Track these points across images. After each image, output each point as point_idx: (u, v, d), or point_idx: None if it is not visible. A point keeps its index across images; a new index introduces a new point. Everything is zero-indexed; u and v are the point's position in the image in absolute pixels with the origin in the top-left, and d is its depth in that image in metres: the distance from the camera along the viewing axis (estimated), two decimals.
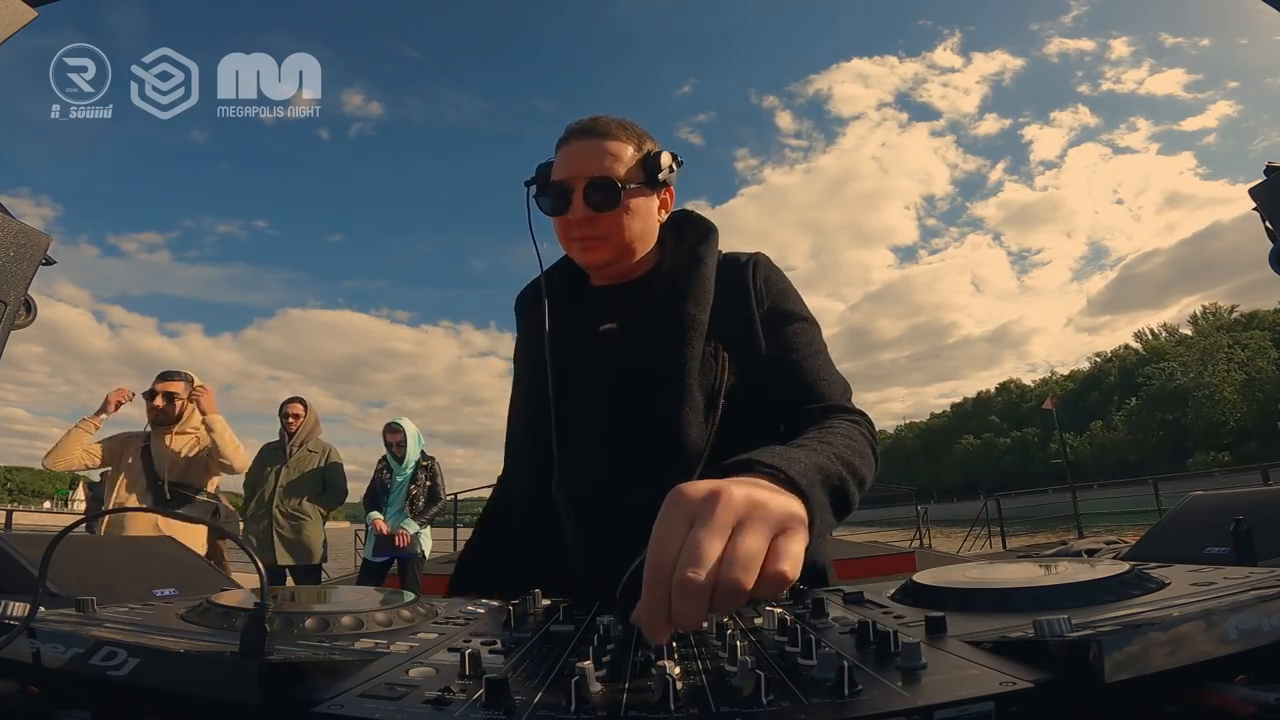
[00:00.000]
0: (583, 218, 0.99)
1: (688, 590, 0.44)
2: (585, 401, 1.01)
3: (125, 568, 1.11)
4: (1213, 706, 0.39)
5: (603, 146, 1.01)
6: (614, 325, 1.05)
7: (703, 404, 0.95)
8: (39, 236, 0.95)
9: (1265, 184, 1.06)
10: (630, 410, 0.96)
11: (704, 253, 1.06)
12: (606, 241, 1.02)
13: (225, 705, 0.39)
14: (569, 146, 1.03)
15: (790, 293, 1.08)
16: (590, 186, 0.99)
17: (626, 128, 1.05)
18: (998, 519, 12.48)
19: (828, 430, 0.85)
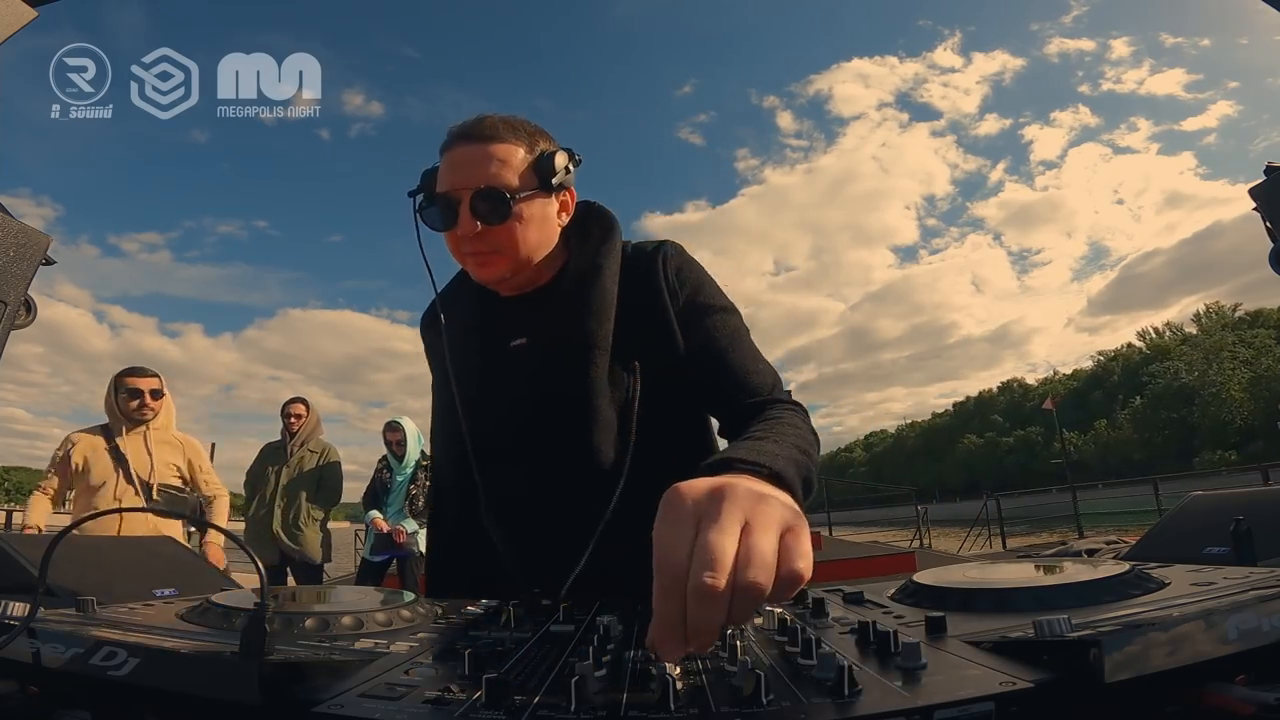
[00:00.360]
0: (472, 232, 0.91)
1: (707, 595, 0.41)
2: (502, 422, 0.98)
3: (125, 568, 1.11)
4: (1213, 706, 0.39)
5: (488, 151, 0.92)
6: (524, 340, 1.00)
7: (615, 421, 0.93)
8: (39, 236, 0.95)
9: (1265, 184, 1.07)
10: (544, 432, 0.95)
11: (603, 260, 0.99)
12: (501, 255, 0.94)
13: (225, 705, 0.39)
14: (452, 153, 0.94)
15: (705, 282, 1.03)
16: (477, 198, 0.91)
17: (515, 127, 0.96)
18: (998, 519, 12.48)
19: (775, 422, 0.84)
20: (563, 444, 0.94)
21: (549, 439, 0.94)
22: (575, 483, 0.92)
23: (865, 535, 14.81)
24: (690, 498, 0.48)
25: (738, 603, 0.42)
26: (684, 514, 0.47)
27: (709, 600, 0.41)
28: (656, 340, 0.97)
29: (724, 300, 1.03)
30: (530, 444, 0.96)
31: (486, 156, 0.92)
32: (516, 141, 0.94)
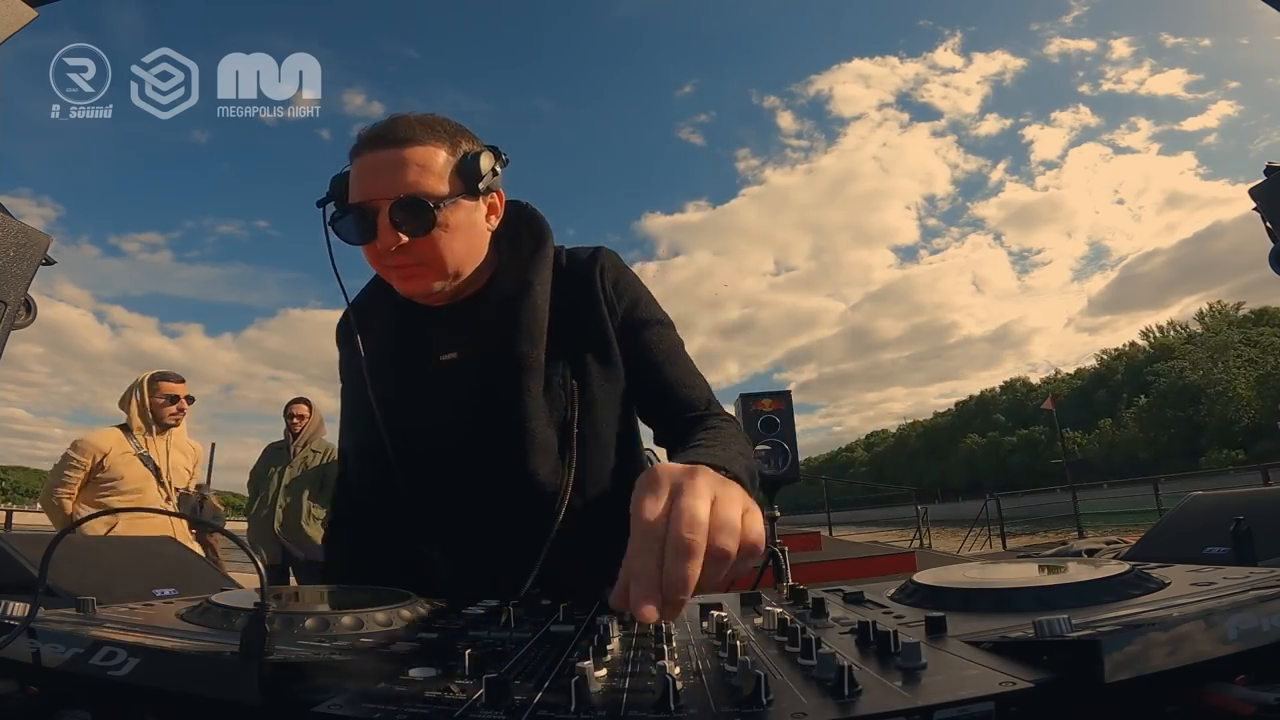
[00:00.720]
0: (393, 245, 0.85)
1: (685, 550, 0.47)
2: (432, 442, 0.92)
3: (125, 568, 1.11)
4: (1213, 706, 0.39)
5: (406, 156, 0.85)
6: (454, 355, 0.95)
7: (555, 442, 0.90)
8: (39, 236, 0.95)
9: (1265, 184, 1.07)
10: (480, 455, 0.90)
11: (533, 276, 0.94)
12: (427, 268, 0.88)
13: (225, 705, 0.39)
14: (364, 159, 0.86)
15: (642, 295, 1.01)
16: (396, 208, 0.84)
17: (434, 128, 0.88)
18: (998, 519, 12.48)
19: (718, 433, 0.88)
20: (500, 467, 0.90)
21: (485, 461, 0.90)
22: (515, 505, 0.89)
23: (865, 535, 14.80)
24: (668, 474, 0.54)
25: (709, 561, 0.48)
26: (662, 485, 0.53)
27: (686, 555, 0.46)
28: (593, 353, 0.95)
29: (660, 313, 1.02)
30: (465, 465, 0.91)
31: (404, 162, 0.85)
32: (436, 143, 0.87)
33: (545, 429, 0.90)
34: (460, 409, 0.92)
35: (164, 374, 3.24)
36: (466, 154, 0.90)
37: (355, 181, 0.87)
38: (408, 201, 0.84)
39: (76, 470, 2.97)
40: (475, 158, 0.89)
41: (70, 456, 3.00)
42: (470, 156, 0.89)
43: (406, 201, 0.84)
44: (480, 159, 0.89)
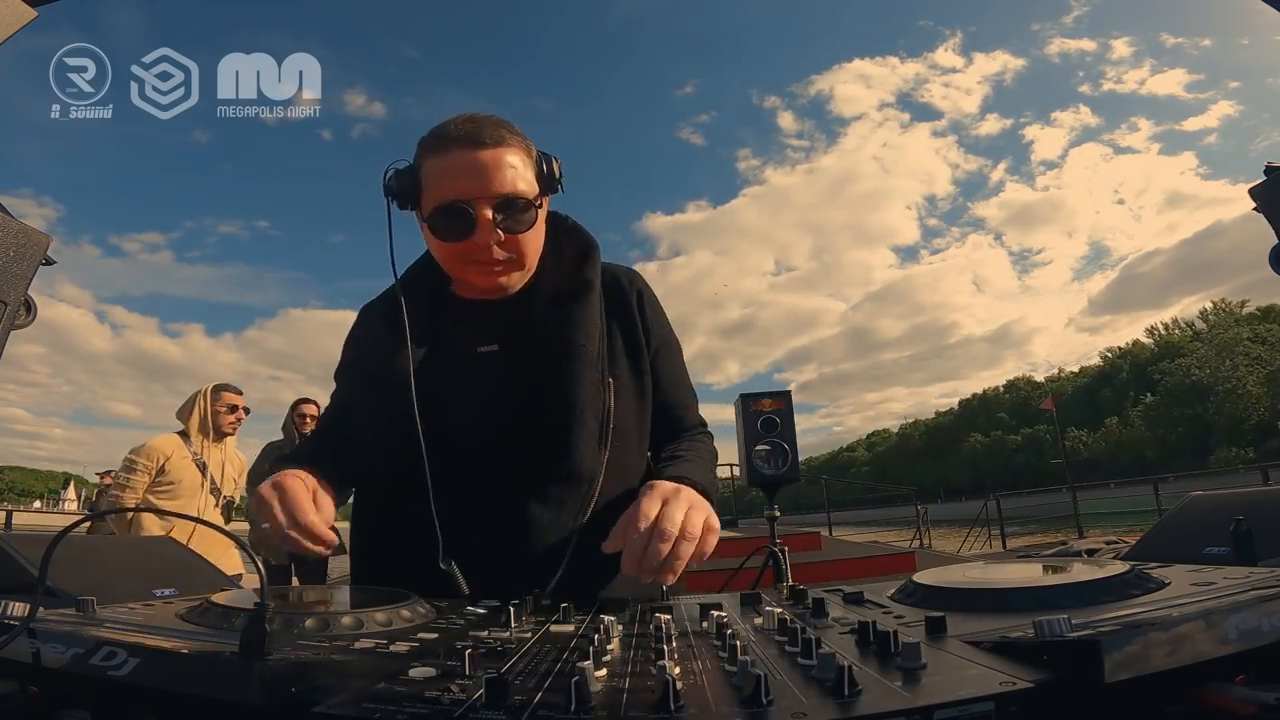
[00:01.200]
0: (493, 242, 0.88)
1: (663, 534, 0.76)
2: (469, 425, 0.95)
3: (125, 568, 1.11)
4: (1213, 706, 0.39)
5: (502, 158, 0.89)
6: (495, 347, 0.98)
7: (596, 432, 0.94)
8: (39, 236, 0.95)
9: (1265, 184, 1.07)
10: (525, 439, 0.93)
11: (591, 277, 1.00)
12: (513, 264, 0.93)
13: (225, 705, 0.39)
14: (455, 158, 0.89)
15: (665, 320, 1.10)
16: (501, 208, 0.88)
17: (514, 131, 0.92)
18: (999, 519, 12.47)
19: (695, 444, 1.05)
20: (546, 453, 0.93)
21: (527, 446, 0.93)
22: (552, 490, 0.93)
23: (866, 536, 14.79)
24: (663, 490, 0.83)
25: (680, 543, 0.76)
26: (657, 496, 0.82)
27: (664, 537, 0.76)
28: (628, 363, 1.01)
29: (674, 336, 1.12)
30: (505, 452, 0.93)
31: (501, 163, 0.89)
32: (520, 146, 0.92)
33: (591, 419, 0.94)
34: (502, 397, 0.95)
35: (225, 385, 3.43)
36: (540, 156, 0.95)
37: (448, 179, 0.89)
38: (512, 200, 0.89)
39: (141, 474, 3.11)
40: (549, 160, 0.95)
41: (134, 460, 3.14)
42: (545, 159, 0.95)
43: (510, 201, 0.89)
44: (552, 161, 0.95)
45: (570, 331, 0.95)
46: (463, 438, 0.94)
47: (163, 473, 3.15)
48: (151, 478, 3.13)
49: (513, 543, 0.92)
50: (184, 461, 3.20)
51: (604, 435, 0.95)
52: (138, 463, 3.12)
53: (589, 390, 0.95)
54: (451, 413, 0.94)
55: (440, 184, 0.90)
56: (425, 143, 0.93)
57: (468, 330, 0.99)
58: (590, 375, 0.95)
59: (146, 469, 3.12)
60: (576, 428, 0.93)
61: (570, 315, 0.96)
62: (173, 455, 3.19)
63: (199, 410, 3.31)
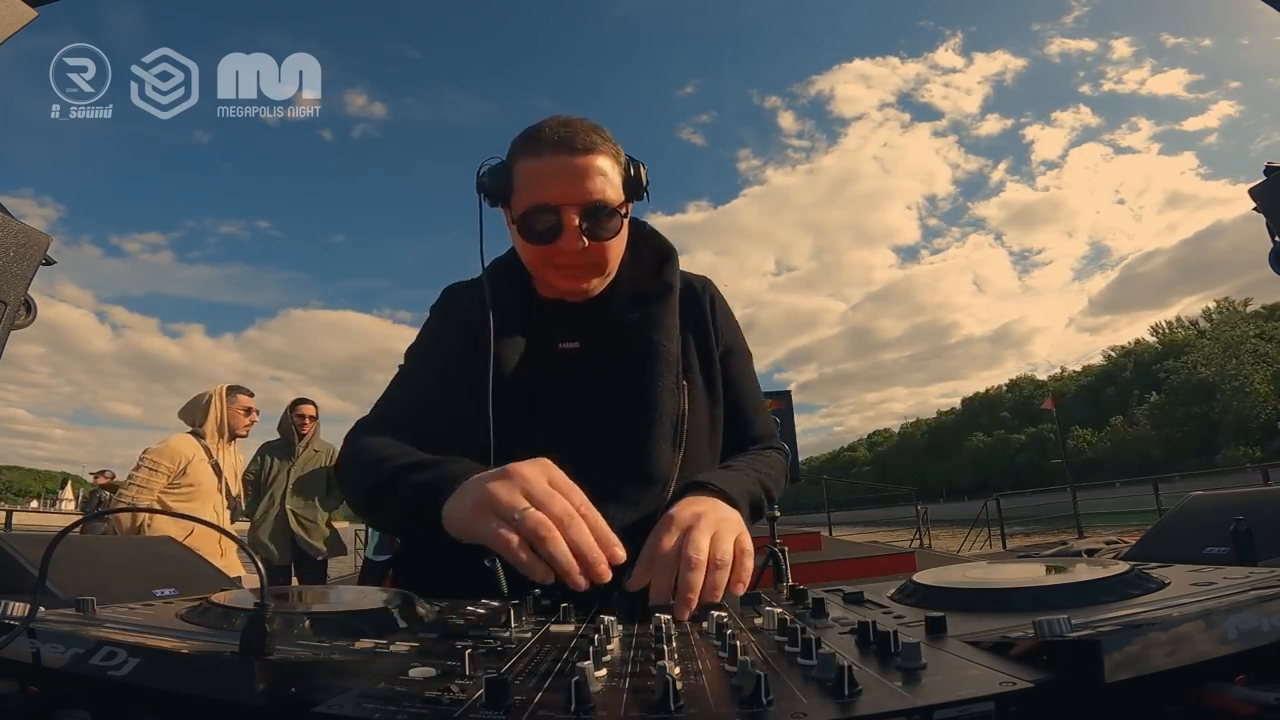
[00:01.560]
0: (577, 248, 0.90)
1: (694, 566, 0.68)
2: (544, 418, 0.95)
3: (125, 568, 1.11)
4: (1213, 706, 0.39)
5: (593, 165, 0.91)
6: (575, 344, 1.00)
7: (671, 434, 0.95)
8: (39, 236, 0.95)
9: (1265, 184, 1.07)
10: (602, 436, 0.93)
11: (672, 280, 1.03)
12: (595, 269, 0.95)
13: (225, 705, 0.39)
14: (548, 162, 0.91)
15: (737, 327, 1.12)
16: (589, 214, 0.90)
17: (606, 137, 0.94)
18: (1001, 518, 12.46)
19: (756, 457, 1.02)
20: (622, 451, 0.93)
21: (605, 442, 0.93)
22: (627, 489, 0.92)
23: (866, 536, 14.77)
24: (682, 517, 0.77)
25: (711, 573, 0.69)
26: (678, 525, 0.75)
27: (695, 569, 0.68)
28: (701, 367, 1.03)
29: (745, 344, 1.13)
30: (581, 448, 0.91)
31: (592, 170, 0.90)
32: (610, 154, 0.93)
33: (667, 421, 0.95)
34: (581, 394, 0.96)
35: (239, 387, 3.41)
36: (628, 163, 0.96)
37: (538, 182, 0.91)
38: (599, 209, 0.91)
39: (159, 475, 3.06)
40: (637, 168, 0.96)
41: (156, 461, 3.08)
42: (634, 167, 0.96)
43: (598, 208, 0.91)
44: (640, 169, 0.96)
45: (651, 332, 0.97)
46: (537, 433, 0.93)
47: (184, 474, 3.12)
48: (170, 480, 3.10)
49: None
50: (203, 464, 3.19)
51: (678, 437, 0.96)
52: (160, 464, 3.09)
53: (667, 392, 0.96)
54: (528, 407, 0.95)
55: (531, 186, 0.91)
56: (519, 143, 0.94)
57: (550, 326, 1.00)
58: (669, 377, 0.96)
59: (168, 471, 3.09)
60: (654, 428, 0.94)
61: (651, 316, 0.99)
62: (193, 457, 3.17)
63: (216, 412, 3.29)
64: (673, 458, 0.95)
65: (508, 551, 0.65)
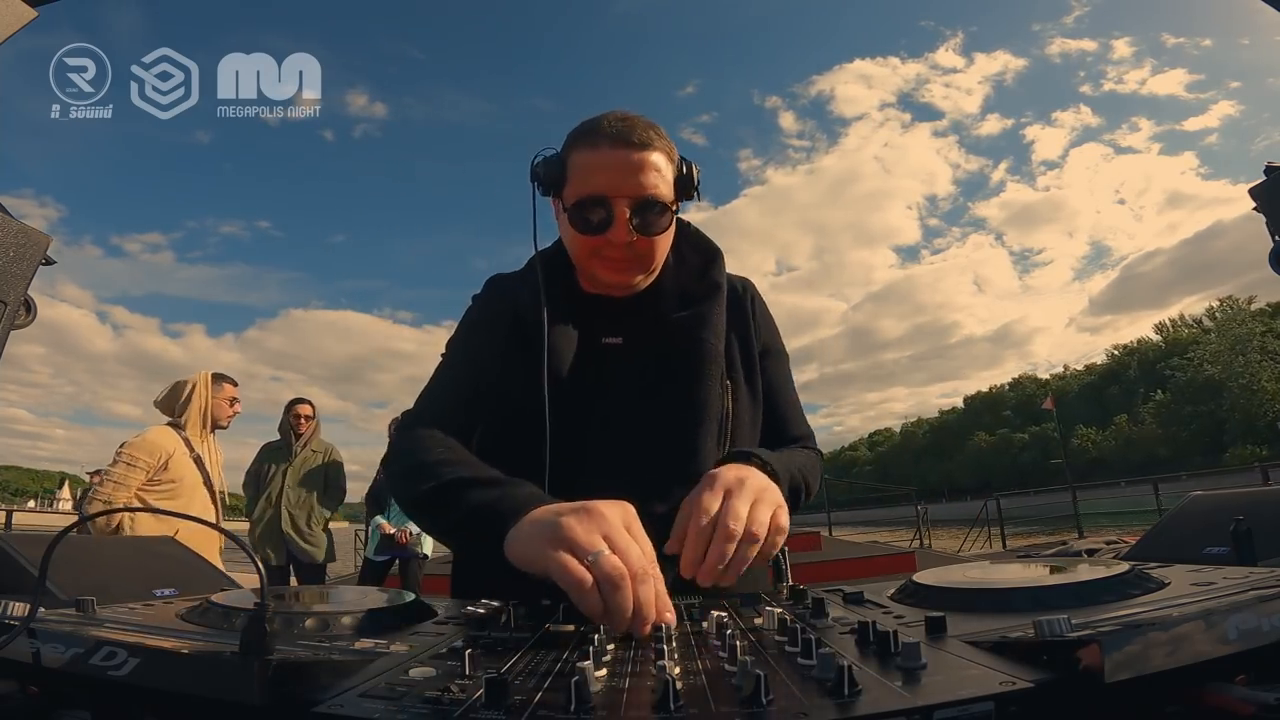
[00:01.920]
0: (627, 240, 0.91)
1: (728, 535, 0.69)
2: (588, 413, 0.95)
3: (125, 568, 1.11)
4: (1213, 706, 0.39)
5: (648, 160, 0.92)
6: (619, 340, 1.00)
7: (716, 432, 0.96)
8: (39, 236, 0.95)
9: (1265, 184, 1.07)
10: (647, 432, 0.94)
11: (720, 280, 1.04)
12: (641, 262, 0.96)
13: (225, 705, 0.39)
14: (603, 155, 0.92)
15: (774, 327, 1.12)
16: (640, 208, 0.91)
17: (661, 134, 0.95)
18: (1001, 518, 12.43)
19: (796, 452, 1.03)
20: (668, 447, 0.94)
21: (652, 436, 0.94)
22: (666, 480, 0.91)
23: (867, 536, 14.75)
24: (724, 479, 0.76)
25: (743, 543, 0.70)
26: (719, 487, 0.75)
27: (728, 537, 0.69)
28: (743, 366, 1.03)
29: (783, 344, 1.13)
30: (626, 443, 0.93)
31: (646, 165, 0.91)
32: (665, 151, 0.94)
33: (713, 419, 0.96)
34: (626, 390, 0.97)
35: (224, 375, 3.22)
36: (682, 163, 0.97)
37: (592, 173, 0.92)
38: (650, 203, 0.92)
39: (140, 471, 2.86)
40: (689, 168, 0.97)
41: (134, 457, 2.87)
42: (685, 166, 0.97)
43: (649, 203, 0.92)
44: (692, 169, 0.97)
45: (700, 330, 0.98)
46: (583, 429, 0.94)
47: (165, 469, 2.91)
48: (150, 475, 2.88)
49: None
50: (184, 458, 2.99)
51: (723, 437, 0.97)
52: (138, 459, 2.87)
53: (714, 391, 0.96)
54: (573, 402, 0.94)
55: (585, 177, 0.93)
56: (575, 135, 0.96)
57: (593, 320, 1.01)
58: (716, 376, 0.97)
59: (147, 465, 2.87)
60: (700, 427, 0.94)
61: (699, 315, 0.99)
62: (175, 451, 2.96)
63: (199, 401, 3.08)
64: (717, 456, 0.95)
65: (578, 591, 0.59)
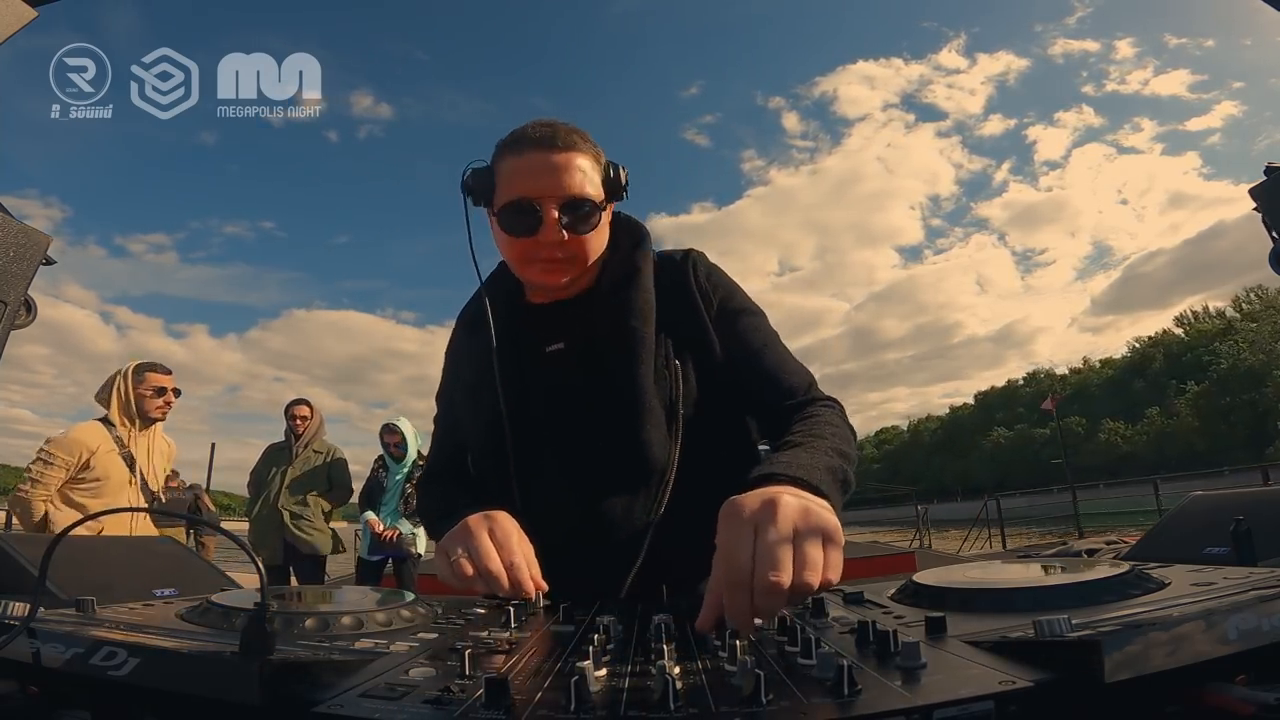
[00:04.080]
0: (557, 240, 0.92)
1: (771, 590, 0.53)
2: (543, 423, 0.98)
3: (125, 568, 1.11)
4: (1213, 706, 0.39)
5: (573, 162, 0.93)
6: (561, 345, 1.01)
7: (664, 418, 0.94)
8: (39, 236, 0.95)
9: (1265, 184, 1.07)
10: (593, 431, 0.95)
11: (640, 262, 1.02)
12: (572, 263, 0.96)
13: (225, 705, 0.39)
14: (529, 159, 0.93)
15: (734, 287, 1.06)
16: (567, 208, 0.92)
17: (586, 138, 0.97)
18: (1001, 518, 12.41)
19: (814, 422, 0.88)
20: (614, 443, 0.94)
21: (599, 438, 0.94)
22: (621, 481, 0.93)
23: (871, 537, 14.70)
24: (748, 508, 0.59)
25: (792, 597, 0.54)
26: (743, 522, 0.58)
27: (774, 593, 0.53)
28: (694, 345, 0.99)
29: (752, 304, 1.06)
30: (577, 446, 0.96)
31: (571, 165, 0.93)
32: (590, 152, 0.96)
33: (655, 404, 0.94)
34: (570, 391, 0.98)
35: (150, 364, 2.95)
36: (608, 164, 0.98)
37: (519, 178, 0.94)
38: (578, 202, 0.93)
39: (58, 469, 2.70)
40: (616, 169, 0.98)
41: (51, 454, 2.71)
42: (613, 167, 0.98)
43: (576, 202, 0.93)
44: (619, 169, 0.98)
45: (626, 319, 0.97)
46: (540, 437, 0.97)
47: (87, 468, 2.71)
48: (71, 473, 2.70)
49: (592, 539, 0.92)
50: (111, 455, 2.76)
51: (672, 420, 0.95)
52: (56, 456, 2.69)
53: (649, 376, 0.95)
54: (528, 413, 0.98)
55: (513, 182, 0.94)
56: (503, 144, 0.97)
57: (538, 331, 1.02)
58: (649, 361, 0.95)
59: (65, 464, 2.69)
60: (642, 417, 0.93)
61: (624, 302, 0.98)
62: (98, 448, 2.74)
63: (119, 395, 2.83)
64: (668, 445, 0.94)
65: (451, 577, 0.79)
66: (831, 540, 0.58)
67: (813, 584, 0.54)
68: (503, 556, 0.78)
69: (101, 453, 2.76)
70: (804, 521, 0.58)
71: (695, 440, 0.95)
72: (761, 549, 0.55)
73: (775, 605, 0.53)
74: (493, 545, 0.79)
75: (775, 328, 1.06)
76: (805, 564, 0.55)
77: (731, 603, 0.54)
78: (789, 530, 0.56)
